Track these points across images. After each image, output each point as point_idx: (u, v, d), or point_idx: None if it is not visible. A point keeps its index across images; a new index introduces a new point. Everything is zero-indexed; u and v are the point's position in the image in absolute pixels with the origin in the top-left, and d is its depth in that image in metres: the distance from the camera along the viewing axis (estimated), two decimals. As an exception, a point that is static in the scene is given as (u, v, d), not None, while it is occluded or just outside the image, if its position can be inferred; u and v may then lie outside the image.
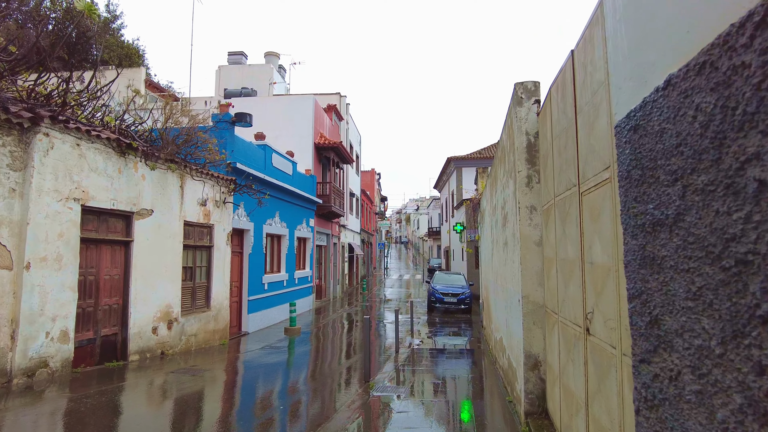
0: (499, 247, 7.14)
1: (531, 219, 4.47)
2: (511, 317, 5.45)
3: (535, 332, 4.38)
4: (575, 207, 3.11)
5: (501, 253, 6.72)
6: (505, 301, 6.22)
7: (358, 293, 26.63)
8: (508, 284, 5.78)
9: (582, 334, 2.95)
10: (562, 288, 3.52)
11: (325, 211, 19.99)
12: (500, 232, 6.80)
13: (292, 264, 16.86)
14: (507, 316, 5.98)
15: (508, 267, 5.71)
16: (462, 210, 26.49)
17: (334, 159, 21.05)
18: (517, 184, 4.57)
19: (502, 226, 6.45)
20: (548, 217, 4.09)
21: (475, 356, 10.30)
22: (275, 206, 15.22)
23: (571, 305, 3.27)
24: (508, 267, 5.67)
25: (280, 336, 12.89)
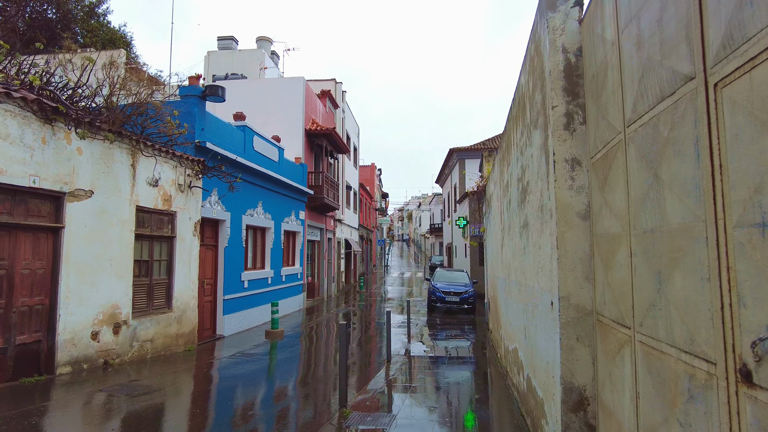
0: (513, 234, 5.59)
1: (572, 179, 2.94)
2: (535, 326, 3.91)
3: (580, 353, 2.86)
4: (690, 120, 1.57)
5: (517, 240, 5.18)
6: (524, 302, 4.68)
7: (355, 292, 25.11)
8: (529, 280, 4.25)
9: (721, 379, 1.41)
10: (650, 284, 2.00)
11: (317, 204, 18.46)
12: (515, 214, 5.25)
13: (279, 260, 15.34)
14: (527, 323, 4.45)
15: (529, 257, 4.17)
16: (465, 203, 24.92)
17: (327, 147, 19.52)
18: (551, 127, 3.02)
19: (519, 204, 4.90)
20: (606, 171, 2.56)
21: (480, 365, 8.76)
22: (257, 195, 13.69)
23: (678, 317, 1.74)
24: (530, 257, 4.13)
25: (260, 340, 11.37)
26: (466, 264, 24.73)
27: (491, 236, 10.01)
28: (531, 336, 4.17)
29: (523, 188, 4.41)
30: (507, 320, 6.65)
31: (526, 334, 4.52)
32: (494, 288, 9.52)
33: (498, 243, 7.93)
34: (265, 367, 8.70)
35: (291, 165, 16.64)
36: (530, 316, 4.22)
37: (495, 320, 9.38)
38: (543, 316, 3.53)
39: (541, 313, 3.62)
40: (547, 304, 3.32)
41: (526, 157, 4.22)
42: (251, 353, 9.78)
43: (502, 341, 7.55)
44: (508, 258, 6.20)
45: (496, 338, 9.35)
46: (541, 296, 3.62)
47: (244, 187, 12.81)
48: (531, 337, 4.19)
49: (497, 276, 8.49)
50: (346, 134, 26.87)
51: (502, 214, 7.26)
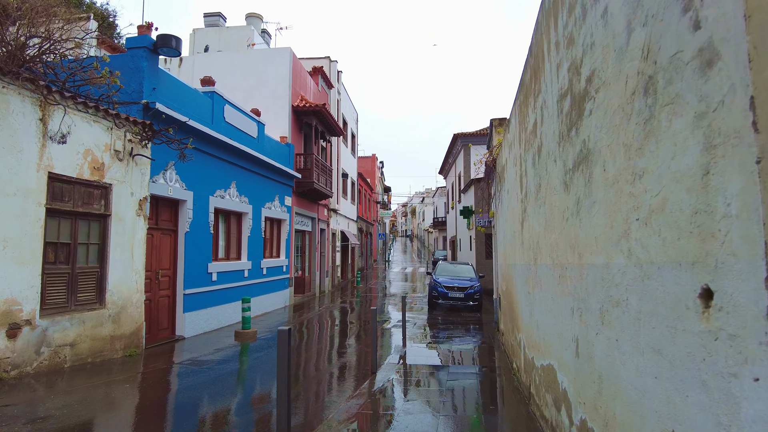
0: (548, 192, 3.69)
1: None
2: (617, 340, 2.03)
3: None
4: None
5: (557, 198, 3.29)
6: (574, 296, 2.80)
7: (351, 287, 23.26)
8: (593, 256, 2.37)
9: None
10: None
11: (306, 189, 16.59)
12: (555, 156, 3.35)
13: (258, 250, 13.49)
14: (582, 331, 2.57)
15: (598, 210, 2.29)
16: (471, 192, 22.98)
17: (317, 128, 17.63)
18: None
19: (566, 133, 3.00)
20: None
21: (489, 378, 6.87)
22: (230, 174, 11.83)
23: None
24: (601, 209, 2.25)
25: (226, 343, 9.54)
26: (471, 258, 22.80)
27: (504, 217, 8.09)
28: (598, 357, 2.29)
29: (580, 94, 2.52)
30: (531, 323, 4.75)
31: (580, 350, 2.64)
32: (508, 280, 7.61)
33: (516, 220, 6.02)
34: (213, 379, 6.84)
35: (274, 144, 14.77)
36: (594, 320, 2.34)
37: (509, 320, 7.48)
38: (655, 324, 1.64)
39: (642, 317, 1.75)
40: (678, 299, 1.45)
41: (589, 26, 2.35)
42: (206, 360, 7.93)
43: (521, 350, 5.65)
44: (536, 233, 4.30)
45: (510, 343, 7.45)
46: (642, 283, 1.75)
47: (212, 164, 10.96)
48: (597, 360, 2.30)
49: (513, 265, 6.58)
50: (342, 118, 24.98)
51: (521, 178, 5.35)
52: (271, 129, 15.72)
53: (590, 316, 2.39)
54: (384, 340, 10.40)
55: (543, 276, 3.95)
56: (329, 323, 12.74)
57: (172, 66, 17.65)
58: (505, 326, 8.46)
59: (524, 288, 5.41)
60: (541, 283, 4.05)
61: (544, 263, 3.88)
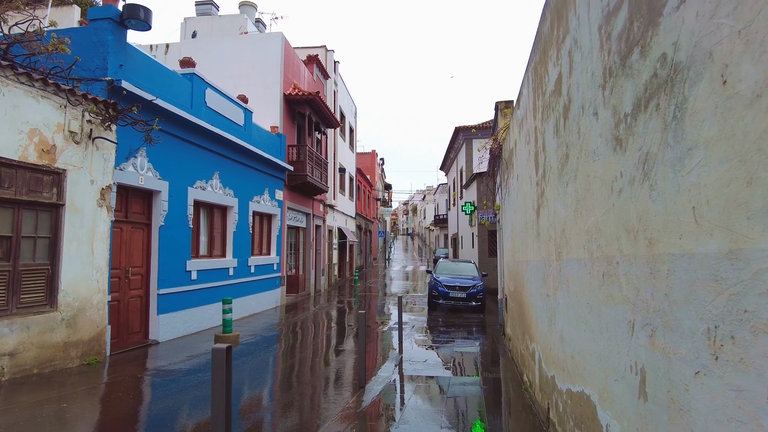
0: (585, 159, 2.74)
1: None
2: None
3: None
4: None
5: (600, 167, 2.35)
6: (649, 300, 1.86)
7: (349, 286, 22.35)
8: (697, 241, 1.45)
9: None
10: None
11: (299, 183, 15.66)
12: (599, 105, 2.40)
13: (245, 247, 12.57)
14: (661, 360, 1.64)
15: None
16: (473, 187, 22.04)
17: (311, 118, 16.69)
18: None
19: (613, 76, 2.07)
20: None
21: (494, 391, 5.95)
22: (212, 164, 10.91)
23: None
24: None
25: (204, 348, 8.64)
26: (474, 256, 21.86)
27: (511, 208, 7.15)
28: (702, 415, 1.35)
29: None
30: (552, 333, 3.81)
31: (651, 390, 1.70)
32: (517, 280, 6.67)
33: (529, 208, 5.08)
34: (177, 393, 5.92)
35: (263, 134, 13.84)
36: (693, 348, 1.40)
37: (518, 325, 6.53)
38: None
39: None
40: None
41: None
42: (175, 370, 7.02)
43: (536, 363, 4.71)
44: (560, 220, 3.36)
45: (519, 350, 6.52)
46: None
47: (191, 153, 10.04)
48: (701, 419, 1.37)
49: (525, 262, 5.64)
50: (339, 111, 24.04)
51: (537, 156, 4.42)
52: (261, 119, 14.80)
53: (681, 340, 1.46)
54: (381, 344, 9.48)
55: (571, 275, 3.02)
56: (321, 325, 11.82)
57: (158, 53, 16.73)
58: (512, 331, 7.52)
59: (540, 289, 4.48)
60: (569, 284, 3.12)
61: (573, 258, 2.95)
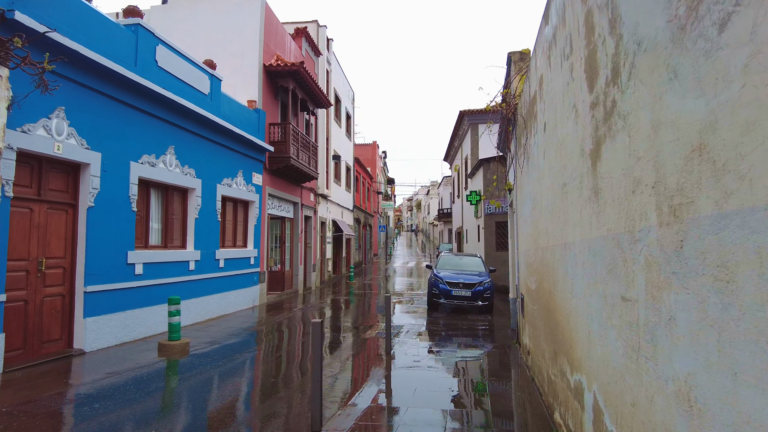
0: None
1: None
2: None
3: None
4: None
5: None
6: None
7: (343, 284, 20.53)
8: None
9: None
10: None
11: (282, 166, 13.80)
12: None
13: (212, 237, 10.75)
14: None
15: None
16: (479, 175, 20.12)
17: (296, 93, 14.80)
18: None
19: None
20: None
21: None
22: (166, 136, 9.08)
23: None
24: None
25: (141, 360, 6.83)
26: (480, 250, 19.94)
27: (535, 176, 5.26)
28: None
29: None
30: (638, 368, 1.99)
31: None
32: (544, 273, 4.76)
33: (574, 157, 3.20)
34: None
35: (237, 107, 11.99)
36: None
37: (545, 336, 4.65)
38: None
39: None
40: None
41: None
42: (76, 397, 5.18)
43: (585, 409, 2.84)
44: (684, 134, 1.45)
45: (545, 374, 4.63)
46: None
47: (136, 120, 8.21)
48: None
49: (563, 245, 3.73)
50: (334, 93, 22.16)
51: (593, 55, 2.50)
52: (238, 93, 12.96)
53: None
54: (365, 356, 7.64)
55: (694, 258, 1.17)
56: (299, 330, 9.99)
57: (125, 22, 14.89)
58: (533, 343, 5.63)
59: (598, 287, 2.60)
60: (698, 276, 1.27)
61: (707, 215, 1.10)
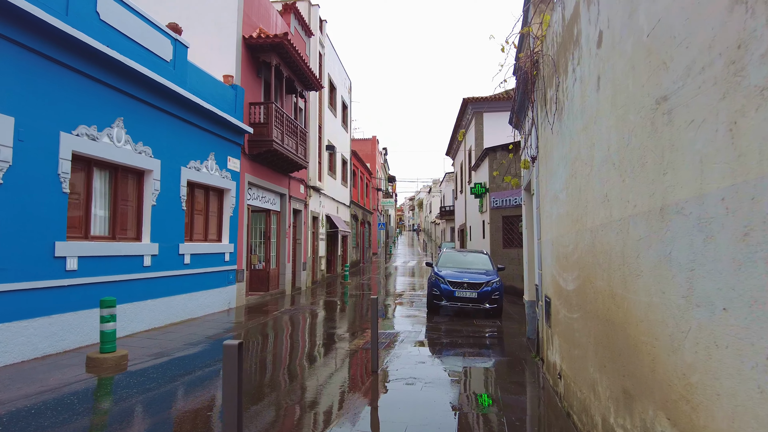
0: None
1: None
2: None
3: None
4: None
5: None
6: None
7: (338, 284, 18.99)
8: None
9: None
10: None
11: (264, 151, 12.26)
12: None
13: (175, 228, 9.22)
14: None
15: None
16: (484, 166, 18.54)
17: (281, 71, 13.25)
18: None
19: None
20: None
21: None
22: (112, 105, 7.55)
23: None
24: None
25: (49, 383, 5.30)
26: (485, 248, 18.36)
27: (578, 128, 3.65)
28: None
29: None
30: None
31: None
32: (599, 265, 3.16)
33: None
34: None
35: (208, 80, 10.46)
36: None
37: (599, 361, 3.11)
38: None
39: None
40: None
41: None
42: None
43: None
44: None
45: (585, 407, 3.10)
46: None
47: (71, 83, 6.69)
48: None
49: (665, 208, 2.08)
50: (328, 79, 20.63)
51: None
52: (214, 68, 11.43)
53: None
54: (347, 373, 6.10)
55: None
56: (273, 339, 8.46)
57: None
58: (570, 364, 4.06)
59: None
60: None
61: None
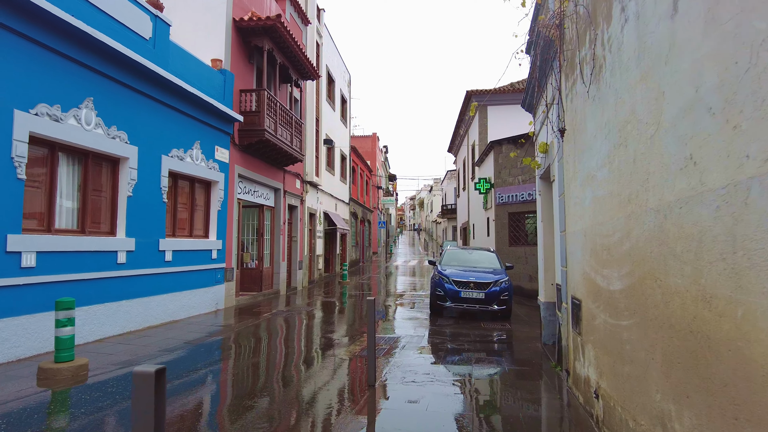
0: None
1: None
2: None
3: None
4: None
5: None
6: None
7: (335, 283, 18.19)
8: None
9: None
10: None
11: (255, 141, 11.45)
12: None
13: (155, 221, 8.42)
14: None
15: None
16: (489, 161, 17.73)
17: (274, 57, 12.44)
18: None
19: None
20: None
21: None
22: (79, 83, 6.75)
23: None
24: None
25: (3, 395, 4.49)
26: (490, 246, 17.53)
27: (641, 74, 2.79)
28: None
29: None
30: None
31: None
32: (675, 256, 2.33)
33: None
34: None
35: (193, 62, 9.67)
36: None
37: (674, 385, 2.33)
38: None
39: None
40: None
41: None
42: None
43: None
44: None
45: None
46: None
47: (25, 54, 5.90)
48: None
49: None
50: (326, 71, 19.83)
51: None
52: (202, 52, 10.64)
53: None
54: (342, 390, 5.30)
55: None
56: (260, 345, 7.66)
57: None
58: (614, 384, 3.26)
59: None
60: None
61: None
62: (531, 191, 14.96)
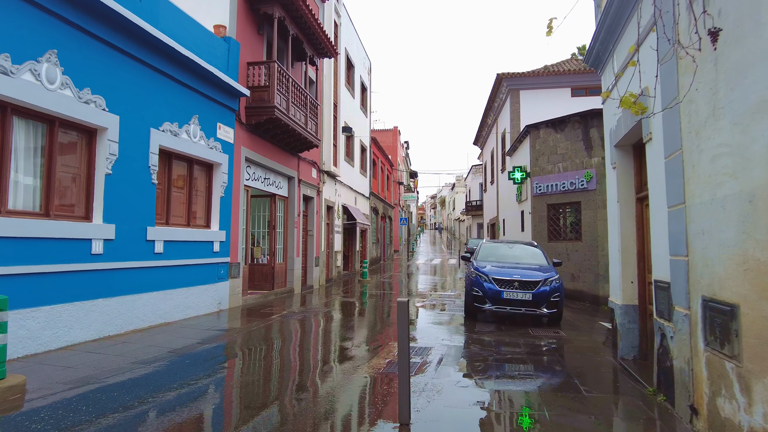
0: None
1: None
2: None
3: None
4: None
5: None
6: None
7: (355, 282, 16.77)
8: None
9: None
10: None
11: (265, 119, 10.09)
12: None
13: (142, 205, 7.11)
14: None
15: None
16: (524, 147, 16.03)
17: (286, 27, 11.06)
18: None
19: None
20: None
21: None
22: (40, 32, 5.45)
23: None
24: None
25: None
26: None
27: None
28: None
29: None
30: None
31: None
32: None
33: None
34: None
35: (190, 25, 8.35)
36: None
37: None
38: None
39: None
40: None
41: None
42: None
43: None
44: None
45: None
46: None
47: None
48: None
49: None
50: (345, 55, 18.45)
51: None
52: (202, 16, 9.35)
53: None
54: (360, 428, 3.84)
55: None
56: (268, 355, 6.25)
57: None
58: None
59: None
60: None
61: None
62: (574, 179, 13.26)
